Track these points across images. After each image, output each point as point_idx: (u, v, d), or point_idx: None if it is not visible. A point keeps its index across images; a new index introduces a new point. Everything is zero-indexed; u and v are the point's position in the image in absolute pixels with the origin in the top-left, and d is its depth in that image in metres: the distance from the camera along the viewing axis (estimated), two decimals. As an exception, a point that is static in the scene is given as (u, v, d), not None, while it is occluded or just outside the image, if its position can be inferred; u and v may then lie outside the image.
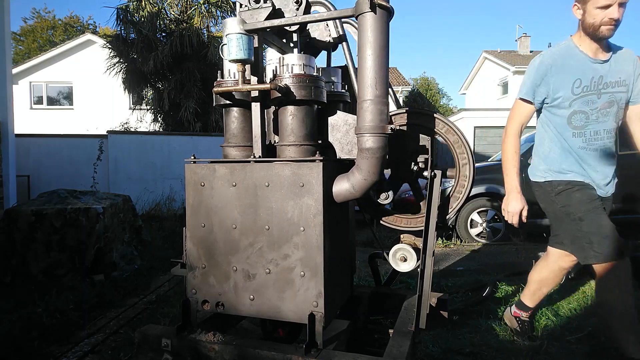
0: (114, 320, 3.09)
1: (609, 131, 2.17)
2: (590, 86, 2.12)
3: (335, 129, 1.85)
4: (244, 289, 1.62)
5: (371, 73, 1.51)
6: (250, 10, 1.73)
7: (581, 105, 2.14)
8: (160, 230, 6.19)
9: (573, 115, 2.16)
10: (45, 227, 3.78)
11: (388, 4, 1.50)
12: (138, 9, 10.31)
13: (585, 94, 2.12)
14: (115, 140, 8.55)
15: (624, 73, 2.13)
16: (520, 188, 2.29)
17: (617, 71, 2.12)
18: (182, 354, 1.61)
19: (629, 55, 2.17)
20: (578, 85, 2.11)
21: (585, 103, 2.13)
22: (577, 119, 2.16)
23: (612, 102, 2.14)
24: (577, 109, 2.14)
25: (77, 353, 2.57)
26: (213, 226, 1.66)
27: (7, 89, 5.73)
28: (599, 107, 2.13)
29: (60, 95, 17.71)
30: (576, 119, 2.16)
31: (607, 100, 2.13)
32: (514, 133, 2.32)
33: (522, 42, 22.80)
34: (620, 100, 2.15)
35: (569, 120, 2.17)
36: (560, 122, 2.20)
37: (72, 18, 30.40)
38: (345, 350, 1.67)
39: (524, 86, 2.25)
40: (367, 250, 3.99)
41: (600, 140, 2.17)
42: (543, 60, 2.17)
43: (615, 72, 2.12)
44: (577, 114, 2.15)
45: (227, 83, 1.76)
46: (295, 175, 1.54)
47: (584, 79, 2.12)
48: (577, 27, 2.15)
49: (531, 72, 2.20)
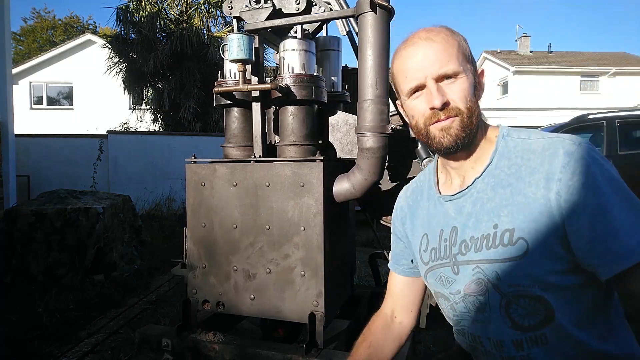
0: (114, 320, 3.09)
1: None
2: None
3: (336, 129, 1.84)
4: (245, 289, 1.62)
5: (371, 73, 1.51)
6: (251, 10, 1.73)
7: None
8: (160, 230, 6.19)
9: None
10: (45, 227, 3.78)
11: (388, 4, 1.50)
12: (138, 9, 10.30)
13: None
14: (115, 140, 8.54)
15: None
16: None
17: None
18: (182, 354, 1.61)
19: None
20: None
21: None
22: None
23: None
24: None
25: (77, 353, 2.56)
26: (213, 226, 1.66)
27: (7, 89, 5.73)
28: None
29: (60, 95, 17.69)
30: None
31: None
32: None
33: (522, 42, 22.78)
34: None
35: None
36: None
37: (72, 18, 30.38)
38: (345, 350, 1.67)
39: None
40: (367, 250, 3.98)
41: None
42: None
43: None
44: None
45: (227, 83, 1.76)
46: (296, 175, 1.54)
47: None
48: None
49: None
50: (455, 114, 0.86)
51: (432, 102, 0.85)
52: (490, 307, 0.87)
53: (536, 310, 0.81)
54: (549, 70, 20.46)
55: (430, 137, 0.90)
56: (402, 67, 0.91)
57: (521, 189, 0.82)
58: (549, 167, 0.79)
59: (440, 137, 0.87)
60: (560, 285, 0.80)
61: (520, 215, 0.81)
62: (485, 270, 0.86)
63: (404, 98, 0.93)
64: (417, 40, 0.88)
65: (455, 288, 0.93)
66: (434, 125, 0.88)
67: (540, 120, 11.12)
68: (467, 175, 0.93)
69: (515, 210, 0.82)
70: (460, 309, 0.94)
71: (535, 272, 0.80)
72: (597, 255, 0.75)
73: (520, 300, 0.82)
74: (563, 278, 0.79)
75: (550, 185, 0.78)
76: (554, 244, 0.78)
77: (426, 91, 0.87)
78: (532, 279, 0.80)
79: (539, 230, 0.79)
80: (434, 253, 0.98)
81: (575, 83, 20.42)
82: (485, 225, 0.86)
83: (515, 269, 0.81)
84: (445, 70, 0.85)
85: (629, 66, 20.51)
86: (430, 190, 1.03)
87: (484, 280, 0.86)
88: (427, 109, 0.87)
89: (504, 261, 0.83)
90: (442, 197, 0.97)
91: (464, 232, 0.90)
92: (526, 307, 0.82)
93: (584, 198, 0.75)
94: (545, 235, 0.78)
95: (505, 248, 0.82)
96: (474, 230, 0.88)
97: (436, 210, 0.99)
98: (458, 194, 0.93)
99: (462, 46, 0.87)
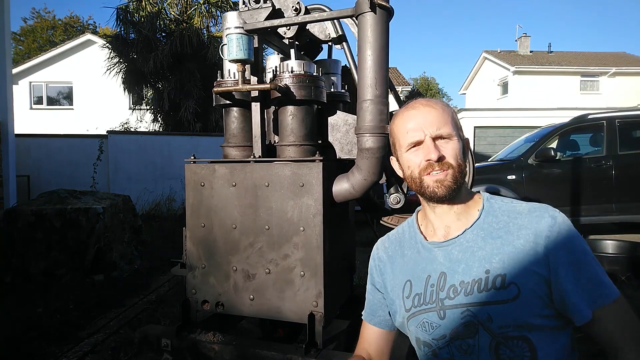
0: (114, 320, 3.09)
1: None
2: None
3: (335, 129, 1.84)
4: (244, 289, 1.62)
5: (371, 73, 1.50)
6: (250, 10, 1.73)
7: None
8: (160, 230, 6.20)
9: None
10: (45, 227, 3.78)
11: (388, 3, 1.50)
12: (138, 9, 10.31)
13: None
14: (115, 140, 8.55)
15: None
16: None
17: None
18: (182, 354, 1.61)
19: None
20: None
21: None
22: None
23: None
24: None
25: (77, 353, 2.56)
26: (213, 226, 1.66)
27: (7, 89, 5.73)
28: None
29: (60, 95, 17.69)
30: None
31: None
32: None
33: (522, 42, 22.78)
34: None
35: None
36: None
37: (72, 18, 30.40)
38: (345, 350, 1.67)
39: None
40: (367, 251, 3.97)
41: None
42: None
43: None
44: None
45: (227, 83, 1.76)
46: (295, 175, 1.54)
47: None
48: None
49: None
50: (447, 167, 0.98)
51: (429, 155, 0.98)
52: (479, 349, 0.92)
53: (522, 351, 0.89)
54: (549, 70, 20.46)
55: (424, 186, 1.00)
56: (403, 124, 1.04)
57: (511, 241, 0.93)
58: (537, 225, 0.92)
59: (434, 187, 0.98)
60: (544, 326, 0.89)
61: (512, 262, 0.91)
62: (476, 312, 0.92)
63: (401, 152, 1.05)
64: (419, 106, 1.03)
65: (440, 333, 0.97)
66: (429, 176, 0.99)
67: (540, 120, 11.10)
68: (452, 226, 1.02)
69: (506, 259, 0.92)
70: (444, 354, 0.97)
71: (525, 314, 0.89)
72: (584, 294, 0.87)
73: (509, 342, 0.90)
74: (547, 321, 0.90)
75: (538, 241, 0.91)
76: (541, 290, 0.89)
77: (424, 146, 1.00)
78: (521, 320, 0.89)
79: (529, 277, 0.89)
80: (417, 299, 1.02)
81: (575, 83, 20.42)
82: (477, 270, 0.94)
83: (507, 311, 0.89)
84: (442, 132, 0.99)
85: (629, 66, 20.51)
86: (413, 239, 1.10)
87: (474, 323, 0.92)
88: (423, 161, 0.99)
89: (497, 303, 0.90)
90: (431, 244, 1.04)
91: (453, 277, 0.97)
92: (514, 348, 0.90)
93: (569, 252, 0.89)
94: (533, 282, 0.89)
95: (498, 291, 0.91)
96: (464, 276, 0.95)
97: (421, 257, 1.05)
98: (448, 241, 1.01)
99: (454, 116, 1.02)
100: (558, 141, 6.06)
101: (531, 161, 5.59)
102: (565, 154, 6.01)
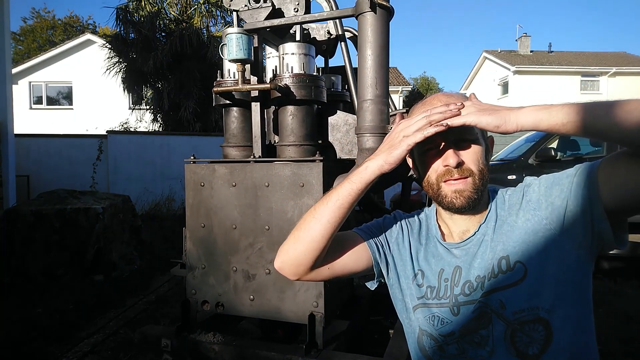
0: (113, 320, 3.08)
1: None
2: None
3: (335, 129, 1.84)
4: (244, 290, 1.62)
5: (371, 73, 1.50)
6: (250, 10, 1.73)
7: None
8: (160, 230, 6.19)
9: None
10: (45, 227, 3.78)
11: (388, 3, 1.50)
12: (138, 9, 10.30)
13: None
14: (115, 140, 8.54)
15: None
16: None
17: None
18: (181, 354, 1.61)
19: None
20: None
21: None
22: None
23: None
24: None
25: (77, 353, 2.56)
26: (213, 226, 1.66)
27: (7, 89, 5.73)
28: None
29: (59, 95, 17.69)
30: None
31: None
32: None
33: (523, 41, 22.78)
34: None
35: None
36: None
37: (71, 18, 30.37)
38: (345, 350, 1.67)
39: None
40: (367, 250, 3.97)
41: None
42: None
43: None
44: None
45: (226, 83, 1.76)
46: (295, 175, 1.53)
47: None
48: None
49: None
50: (468, 174, 0.89)
51: (447, 160, 0.88)
52: (494, 340, 0.86)
53: (538, 333, 0.84)
54: (549, 70, 20.47)
55: (441, 195, 0.92)
56: None
57: (510, 223, 0.90)
58: (520, 194, 0.91)
59: (452, 198, 0.90)
60: (561, 293, 0.84)
61: (511, 242, 0.87)
62: (488, 301, 0.87)
63: (416, 151, 0.94)
64: (437, 102, 0.91)
65: (449, 330, 0.92)
66: (447, 184, 0.90)
67: (540, 120, 11.09)
68: (470, 229, 0.95)
69: (505, 239, 0.88)
70: (452, 350, 0.92)
71: (536, 292, 0.83)
72: (579, 177, 0.83)
73: (525, 326, 0.84)
74: (569, 276, 0.84)
75: (523, 205, 0.89)
76: (554, 243, 0.83)
77: (442, 150, 0.90)
78: (534, 300, 0.83)
79: (530, 249, 0.85)
80: (430, 291, 0.96)
81: (575, 83, 20.43)
82: (489, 262, 0.89)
83: (517, 293, 0.84)
84: (462, 134, 0.88)
85: (629, 66, 20.52)
86: (430, 233, 1.03)
87: (487, 312, 0.87)
88: (441, 166, 0.90)
89: (506, 287, 0.85)
90: (448, 245, 0.97)
91: (468, 273, 0.91)
92: (530, 333, 0.84)
93: (544, 182, 0.88)
94: (537, 248, 0.84)
95: (505, 275, 0.86)
96: (480, 270, 0.90)
97: (437, 250, 0.99)
98: (465, 241, 0.94)
99: None
100: (558, 141, 6.04)
101: (531, 161, 5.58)
102: (566, 154, 5.99)
